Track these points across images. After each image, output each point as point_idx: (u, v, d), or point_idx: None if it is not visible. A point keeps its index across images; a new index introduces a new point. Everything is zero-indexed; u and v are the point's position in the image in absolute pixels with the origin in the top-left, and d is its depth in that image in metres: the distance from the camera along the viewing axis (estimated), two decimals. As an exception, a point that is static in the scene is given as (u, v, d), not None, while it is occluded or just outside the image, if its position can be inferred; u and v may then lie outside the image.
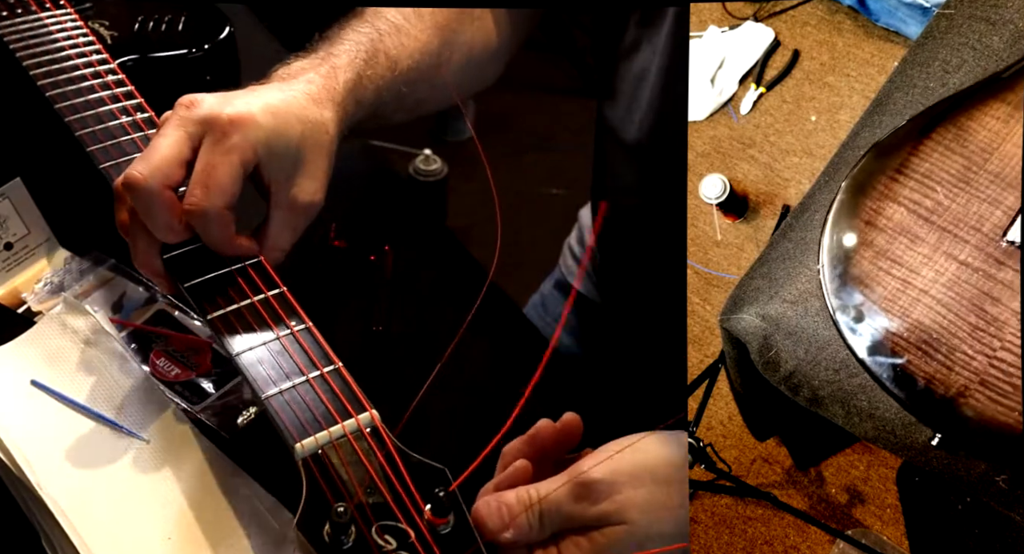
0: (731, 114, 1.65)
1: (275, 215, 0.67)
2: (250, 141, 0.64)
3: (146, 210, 0.63)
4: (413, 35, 0.79)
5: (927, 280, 0.74)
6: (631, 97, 0.86)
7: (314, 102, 0.69)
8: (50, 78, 0.81)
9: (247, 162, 0.64)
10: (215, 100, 0.65)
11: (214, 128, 0.63)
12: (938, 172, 0.77)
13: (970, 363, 0.71)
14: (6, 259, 0.78)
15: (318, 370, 0.62)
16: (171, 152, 0.63)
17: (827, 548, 1.29)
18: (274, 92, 0.68)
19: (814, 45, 1.65)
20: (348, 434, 0.59)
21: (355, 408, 0.60)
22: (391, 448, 0.59)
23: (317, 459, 0.58)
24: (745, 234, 1.55)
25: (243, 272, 0.66)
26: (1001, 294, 0.72)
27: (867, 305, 0.74)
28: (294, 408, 0.60)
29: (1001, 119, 0.77)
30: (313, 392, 0.61)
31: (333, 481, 0.57)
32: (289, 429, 0.59)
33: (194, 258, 0.66)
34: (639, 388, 0.82)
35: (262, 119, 0.64)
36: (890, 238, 0.76)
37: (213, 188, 0.62)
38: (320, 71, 0.72)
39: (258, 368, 0.61)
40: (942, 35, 0.99)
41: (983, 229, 0.74)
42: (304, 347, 0.63)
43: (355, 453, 0.59)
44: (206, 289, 0.65)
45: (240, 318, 0.64)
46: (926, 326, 0.73)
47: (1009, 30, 0.95)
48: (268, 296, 0.65)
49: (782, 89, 1.64)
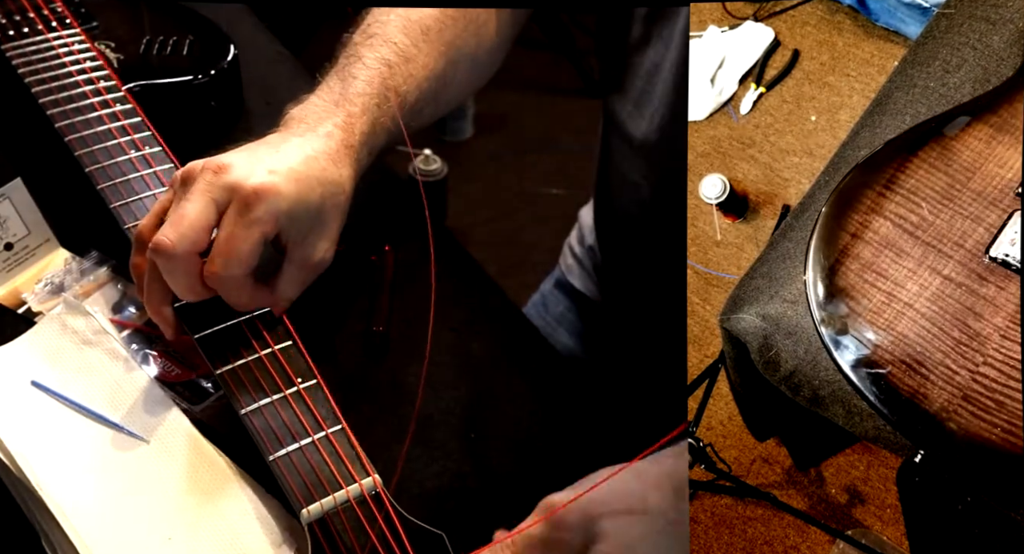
0: (731, 114, 1.65)
1: (287, 269, 0.69)
2: (272, 213, 0.65)
3: (171, 274, 0.65)
4: (421, 63, 0.80)
5: (912, 294, 0.75)
6: (642, 92, 0.86)
7: (333, 161, 0.71)
8: (58, 108, 0.82)
9: (268, 234, 0.66)
10: (242, 166, 0.66)
11: (239, 197, 0.65)
12: (923, 188, 0.79)
13: (953, 378, 0.72)
14: (6, 259, 0.78)
15: (323, 431, 0.63)
16: (198, 219, 0.64)
17: (827, 548, 1.29)
18: (296, 151, 0.70)
19: (814, 45, 1.65)
20: (352, 500, 0.61)
21: (359, 473, 0.62)
22: (392, 514, 0.61)
23: (323, 524, 0.60)
24: (745, 234, 1.55)
25: (251, 324, 0.68)
26: (983, 309, 0.73)
27: (852, 317, 0.75)
28: (300, 471, 0.61)
29: (983, 140, 0.80)
30: (319, 455, 0.62)
31: (337, 547, 0.59)
32: (296, 494, 0.60)
33: (204, 308, 0.68)
34: (639, 388, 0.82)
35: (285, 189, 0.66)
36: (876, 251, 0.77)
37: (233, 258, 0.65)
38: (337, 121, 0.73)
39: (266, 427, 0.63)
40: (942, 35, 0.99)
41: (966, 245, 0.76)
42: (310, 406, 0.64)
43: (358, 519, 0.61)
44: (216, 341, 0.67)
45: (248, 373, 0.65)
46: (910, 339, 0.74)
47: (1009, 30, 0.95)
48: (275, 350, 0.67)
49: (782, 89, 1.64)
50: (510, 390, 0.78)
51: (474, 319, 0.82)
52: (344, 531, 0.60)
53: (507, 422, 0.75)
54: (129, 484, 0.64)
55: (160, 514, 0.63)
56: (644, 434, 0.65)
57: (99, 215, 0.77)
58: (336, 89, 0.76)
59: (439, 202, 1.15)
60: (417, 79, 0.79)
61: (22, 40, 0.88)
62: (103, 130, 0.80)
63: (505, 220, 1.50)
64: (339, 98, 0.75)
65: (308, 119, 0.73)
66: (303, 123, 0.73)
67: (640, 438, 0.65)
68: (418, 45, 0.80)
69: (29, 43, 0.88)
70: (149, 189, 0.76)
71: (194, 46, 0.94)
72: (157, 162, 0.78)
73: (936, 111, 0.94)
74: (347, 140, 0.73)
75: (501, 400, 0.77)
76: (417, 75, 0.79)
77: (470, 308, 0.82)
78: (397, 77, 0.78)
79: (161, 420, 0.68)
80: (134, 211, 0.75)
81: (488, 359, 0.79)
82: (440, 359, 0.76)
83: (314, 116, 0.74)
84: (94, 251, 0.80)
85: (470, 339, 0.80)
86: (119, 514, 0.63)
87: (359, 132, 0.74)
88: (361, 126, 0.74)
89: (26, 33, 0.89)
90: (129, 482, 0.65)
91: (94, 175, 0.77)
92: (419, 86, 0.80)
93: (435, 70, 0.81)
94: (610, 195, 0.97)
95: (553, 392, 0.79)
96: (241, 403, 0.64)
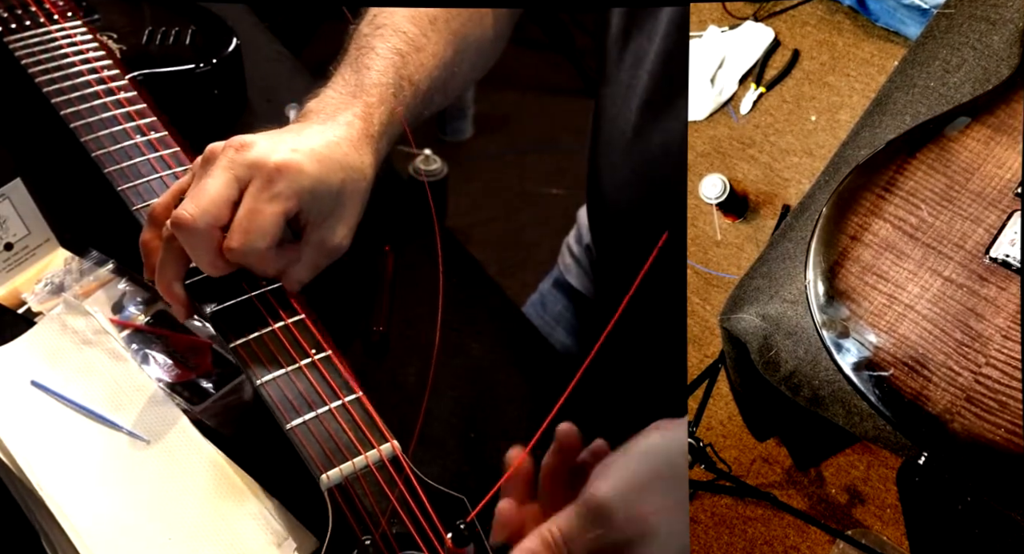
0: (731, 114, 1.65)
1: (303, 251, 0.69)
2: (294, 189, 0.65)
3: (193, 248, 0.65)
4: (430, 51, 0.80)
5: (913, 295, 0.75)
6: (628, 85, 0.86)
7: (355, 147, 0.71)
8: (63, 96, 0.83)
9: (289, 210, 0.66)
10: (264, 144, 0.66)
11: (261, 173, 0.65)
12: (922, 190, 0.79)
13: (956, 379, 0.72)
14: (6, 259, 0.78)
15: (340, 400, 0.63)
16: (220, 194, 0.64)
17: (827, 548, 1.29)
18: (318, 136, 0.69)
19: (814, 45, 1.65)
20: (371, 465, 0.61)
21: (377, 439, 0.62)
22: (412, 478, 0.61)
23: (342, 489, 0.60)
24: (745, 234, 1.55)
25: (263, 299, 0.68)
26: (985, 310, 0.74)
27: (853, 320, 0.76)
28: (318, 438, 0.61)
29: (982, 141, 0.80)
30: (336, 422, 0.62)
31: (358, 511, 0.59)
32: (314, 459, 0.60)
33: (214, 284, 0.67)
34: (639, 388, 0.82)
35: (308, 167, 0.66)
36: (876, 254, 0.77)
37: (254, 233, 0.64)
38: (356, 111, 0.73)
39: (281, 397, 0.63)
40: (942, 35, 0.99)
41: (966, 246, 0.76)
42: (326, 376, 0.64)
43: (378, 483, 0.60)
44: (229, 316, 0.67)
45: (262, 346, 0.65)
46: (912, 341, 0.74)
47: (1009, 30, 0.95)
48: (288, 323, 0.67)
49: (782, 89, 1.64)
50: (510, 390, 0.78)
51: (474, 319, 0.82)
52: (364, 496, 0.60)
53: (507, 422, 0.75)
54: (129, 484, 0.64)
55: (160, 514, 0.63)
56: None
57: (99, 215, 0.77)
58: (351, 81, 0.76)
59: (439, 202, 1.15)
60: (428, 68, 0.80)
61: (25, 33, 0.89)
62: (108, 116, 0.81)
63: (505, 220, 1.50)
64: (355, 89, 0.75)
65: (327, 110, 0.73)
66: (322, 114, 0.73)
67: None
68: (427, 34, 0.80)
69: (32, 35, 0.88)
70: (156, 172, 0.77)
71: (196, 36, 0.94)
72: (163, 147, 0.79)
73: (936, 111, 0.94)
74: (367, 129, 0.73)
75: (501, 400, 0.77)
76: (428, 64, 0.80)
77: (470, 308, 0.82)
78: (410, 66, 0.78)
79: (161, 420, 0.68)
80: (141, 193, 0.75)
81: (488, 359, 0.79)
82: (440, 359, 0.76)
83: (332, 107, 0.73)
84: (94, 251, 0.80)
85: (470, 339, 0.80)
86: (119, 514, 0.63)
87: (378, 122, 0.74)
88: (380, 116, 0.74)
89: (28, 26, 0.89)
90: (129, 482, 0.65)
91: (100, 160, 0.77)
92: (430, 75, 0.80)
93: (444, 59, 0.81)
94: (601, 191, 0.97)
95: (553, 392, 0.79)
96: (256, 375, 0.64)
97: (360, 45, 0.79)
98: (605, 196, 0.95)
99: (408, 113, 0.78)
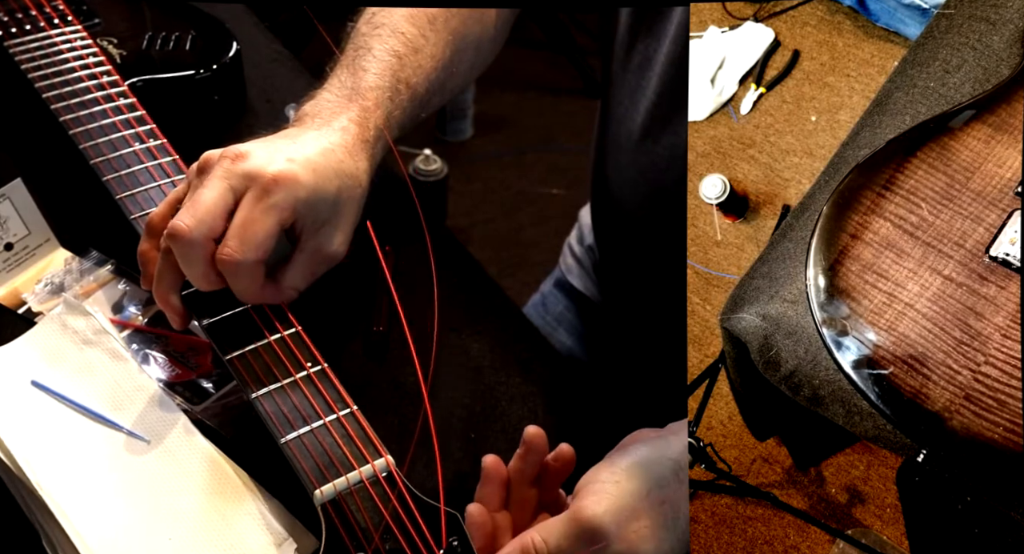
0: (731, 114, 1.65)
1: (298, 258, 0.69)
2: (290, 201, 0.65)
3: (186, 259, 0.65)
4: (428, 53, 0.80)
5: (912, 294, 0.75)
6: (635, 86, 0.86)
7: (350, 154, 0.71)
8: (62, 102, 0.83)
9: (284, 221, 0.66)
10: (260, 154, 0.66)
11: (257, 184, 0.65)
12: (923, 189, 0.79)
13: (955, 377, 0.72)
14: (6, 260, 0.78)
15: (334, 414, 0.63)
16: (216, 205, 0.64)
17: (827, 548, 1.29)
18: (313, 143, 0.69)
19: (814, 45, 1.65)
20: (365, 480, 0.61)
21: (371, 454, 0.62)
22: (405, 494, 0.61)
23: (336, 504, 0.60)
24: (745, 234, 1.55)
25: (259, 310, 0.68)
26: (984, 309, 0.74)
27: (853, 318, 0.76)
28: (312, 453, 0.61)
29: (982, 140, 0.80)
30: (330, 436, 0.62)
31: (351, 527, 0.59)
32: (308, 474, 0.60)
33: (211, 295, 0.67)
34: (639, 388, 0.82)
35: (304, 178, 0.66)
36: (876, 252, 0.77)
37: (248, 243, 0.64)
38: (351, 115, 0.73)
39: (276, 411, 0.63)
40: (942, 35, 0.99)
41: (966, 245, 0.76)
42: (320, 389, 0.64)
43: (371, 499, 0.60)
44: (224, 328, 0.67)
45: (258, 358, 0.65)
46: (912, 340, 0.74)
47: (1009, 30, 0.95)
48: (284, 336, 0.67)
49: (782, 89, 1.64)
50: (510, 390, 0.78)
51: (474, 319, 0.82)
52: (358, 511, 0.60)
53: (507, 422, 0.75)
54: (129, 484, 0.64)
55: (160, 514, 0.63)
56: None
57: (99, 215, 0.77)
58: (348, 83, 0.76)
59: (439, 202, 1.14)
60: (426, 70, 0.79)
61: (25, 37, 0.89)
62: (107, 123, 0.81)
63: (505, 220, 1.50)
64: (351, 92, 0.75)
65: (322, 114, 0.73)
66: (317, 118, 0.73)
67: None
68: (425, 35, 0.80)
69: (32, 40, 0.88)
70: (154, 180, 0.77)
71: (196, 41, 0.94)
72: (162, 155, 0.79)
73: (936, 111, 0.94)
74: (362, 135, 0.73)
75: (501, 400, 0.77)
76: (426, 65, 0.79)
77: (470, 308, 0.82)
78: (407, 69, 0.77)
79: (161, 420, 0.68)
80: (140, 202, 0.75)
81: (488, 359, 0.79)
82: (440, 359, 0.76)
83: (328, 111, 0.73)
84: (94, 251, 0.80)
85: (470, 339, 0.80)
86: (119, 514, 0.63)
87: (373, 126, 0.74)
88: (375, 120, 0.74)
89: (28, 30, 0.89)
90: (129, 482, 0.64)
91: (99, 167, 0.77)
92: (428, 77, 0.80)
93: (443, 60, 0.81)
94: (607, 192, 0.97)
95: (553, 392, 0.79)
96: (252, 387, 0.64)
97: (357, 45, 0.78)
98: (611, 197, 0.95)
99: (405, 116, 0.78)
